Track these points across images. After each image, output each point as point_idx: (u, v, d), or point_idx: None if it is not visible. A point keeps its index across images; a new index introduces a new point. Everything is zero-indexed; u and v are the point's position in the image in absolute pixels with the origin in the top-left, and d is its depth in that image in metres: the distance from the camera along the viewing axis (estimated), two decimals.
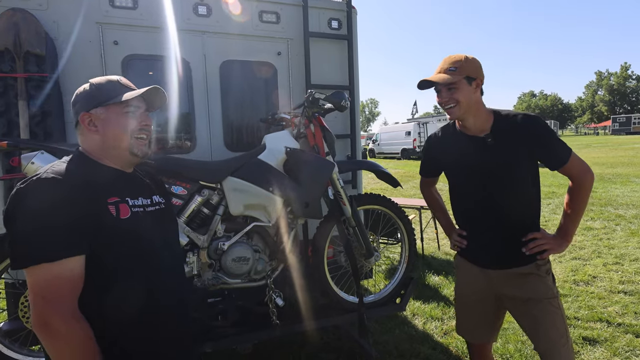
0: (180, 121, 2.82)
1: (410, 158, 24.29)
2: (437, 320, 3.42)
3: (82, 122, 1.16)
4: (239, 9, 2.85)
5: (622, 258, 4.66)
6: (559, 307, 1.68)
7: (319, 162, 2.29)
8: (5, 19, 2.23)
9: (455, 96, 1.60)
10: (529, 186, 1.67)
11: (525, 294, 1.68)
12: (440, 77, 1.61)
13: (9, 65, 2.25)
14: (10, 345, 1.93)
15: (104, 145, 1.17)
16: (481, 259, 1.79)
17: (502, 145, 1.63)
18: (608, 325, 3.17)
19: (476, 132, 1.69)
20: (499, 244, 1.72)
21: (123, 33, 2.59)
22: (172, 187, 2.09)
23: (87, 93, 1.17)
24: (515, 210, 1.68)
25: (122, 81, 1.22)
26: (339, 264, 2.82)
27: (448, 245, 5.63)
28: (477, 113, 1.66)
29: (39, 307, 0.96)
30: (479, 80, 1.63)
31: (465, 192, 1.81)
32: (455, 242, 1.89)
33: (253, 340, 2.20)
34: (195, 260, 2.13)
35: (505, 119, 1.65)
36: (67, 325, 0.96)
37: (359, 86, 3.31)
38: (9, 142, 1.88)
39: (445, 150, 1.85)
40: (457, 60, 1.61)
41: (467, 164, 1.72)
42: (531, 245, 1.66)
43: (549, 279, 1.70)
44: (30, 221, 0.97)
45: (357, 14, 3.23)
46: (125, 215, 1.12)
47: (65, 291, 0.98)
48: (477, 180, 1.71)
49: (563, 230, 1.69)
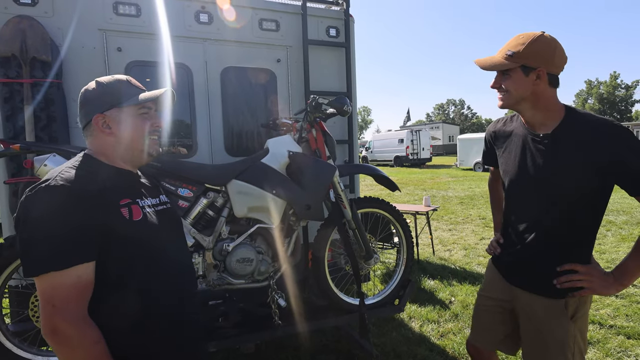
0: (182, 126, 2.87)
1: (403, 165, 24.52)
2: (434, 322, 3.47)
3: (96, 124, 1.12)
4: (239, 17, 2.92)
5: (613, 263, 4.77)
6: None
7: (321, 165, 2.35)
8: (12, 25, 2.27)
9: (506, 84, 1.38)
10: (586, 208, 1.38)
11: (538, 326, 1.48)
12: (490, 61, 1.38)
13: (15, 71, 2.29)
14: (20, 344, 1.94)
15: (117, 146, 1.15)
16: (509, 273, 1.61)
17: (562, 150, 1.35)
18: (600, 327, 3.26)
19: (536, 128, 1.43)
20: (532, 264, 1.49)
21: (126, 40, 2.64)
22: (179, 190, 2.13)
23: (99, 93, 1.14)
24: (562, 234, 1.41)
25: (132, 81, 1.19)
26: (338, 266, 2.87)
27: (442, 250, 5.76)
28: (536, 107, 1.40)
29: (48, 313, 0.95)
30: (541, 70, 1.33)
31: (510, 196, 1.58)
32: (490, 246, 1.71)
33: (255, 340, 2.23)
34: (200, 261, 2.16)
35: (578, 119, 1.36)
36: (77, 330, 0.96)
37: (356, 93, 3.40)
38: (22, 145, 1.91)
39: (502, 141, 1.60)
40: (521, 42, 1.33)
41: (518, 163, 1.49)
42: (563, 278, 1.40)
43: (572, 327, 1.42)
44: (38, 230, 0.96)
45: (355, 23, 3.33)
46: (137, 217, 1.11)
47: (72, 298, 0.97)
48: (523, 184, 1.48)
49: (620, 270, 1.35)
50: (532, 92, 1.37)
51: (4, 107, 2.30)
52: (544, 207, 1.43)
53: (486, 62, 1.40)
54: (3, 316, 1.95)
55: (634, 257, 1.33)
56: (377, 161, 26.71)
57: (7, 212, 2.37)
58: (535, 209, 1.46)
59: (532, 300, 1.50)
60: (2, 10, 2.33)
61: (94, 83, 1.15)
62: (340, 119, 3.30)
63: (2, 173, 2.35)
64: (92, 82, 1.16)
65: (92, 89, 1.15)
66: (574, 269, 1.39)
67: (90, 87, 1.15)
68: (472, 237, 6.41)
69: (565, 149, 1.35)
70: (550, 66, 1.35)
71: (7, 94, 2.30)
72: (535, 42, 1.32)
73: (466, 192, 11.84)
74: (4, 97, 2.30)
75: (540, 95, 1.38)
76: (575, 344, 1.44)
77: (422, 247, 5.76)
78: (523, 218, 1.51)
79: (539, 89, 1.36)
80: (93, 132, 1.14)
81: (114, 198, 1.08)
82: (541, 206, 1.44)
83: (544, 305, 1.47)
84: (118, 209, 1.07)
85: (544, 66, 1.34)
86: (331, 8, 3.27)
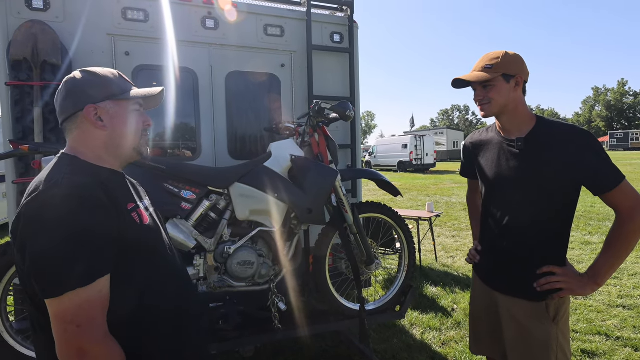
0: (186, 129, 2.91)
1: (406, 171, 24.46)
2: (435, 330, 3.45)
3: (87, 115, 1.02)
4: (245, 22, 2.97)
5: (621, 273, 4.71)
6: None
7: (323, 169, 2.37)
8: (25, 30, 2.32)
9: (490, 94, 1.50)
10: (558, 208, 1.47)
11: (521, 330, 1.52)
12: (474, 76, 1.51)
13: (26, 73, 2.34)
14: (23, 342, 1.97)
15: (109, 143, 1.06)
16: (490, 279, 1.67)
17: (534, 153, 1.46)
18: (607, 339, 3.21)
19: (511, 134, 1.55)
20: (511, 268, 1.55)
21: (134, 44, 2.69)
22: (182, 192, 2.16)
23: (92, 83, 1.04)
24: (536, 234, 1.49)
25: (124, 76, 1.13)
26: (339, 270, 2.87)
27: (445, 257, 5.72)
28: (514, 113, 1.52)
29: (72, 335, 0.87)
30: (519, 77, 1.49)
31: (488, 202, 1.66)
32: (469, 255, 1.78)
33: (255, 343, 2.24)
34: (202, 263, 2.18)
35: (547, 125, 1.48)
36: (105, 349, 0.90)
37: (359, 98, 3.42)
38: (30, 146, 1.95)
39: (479, 150, 1.71)
40: (495, 57, 1.49)
41: (494, 169, 1.59)
42: (543, 280, 1.46)
43: (554, 329, 1.46)
44: (54, 244, 0.87)
45: (359, 29, 3.36)
46: (146, 220, 1.07)
47: (97, 314, 0.90)
48: (499, 189, 1.57)
49: (594, 270, 1.42)
50: (512, 98, 1.50)
51: (15, 109, 2.36)
52: (519, 209, 1.52)
53: (472, 77, 1.52)
54: (7, 314, 1.98)
55: (604, 258, 1.41)
56: (380, 166, 26.69)
57: (15, 210, 2.42)
58: (511, 212, 1.54)
59: (513, 303, 1.55)
60: (16, 15, 2.39)
61: (81, 72, 1.06)
62: (343, 123, 3.32)
63: (10, 173, 2.40)
64: (77, 72, 1.06)
65: (82, 78, 1.05)
66: (552, 270, 1.46)
67: (78, 76, 1.05)
68: None
69: (538, 151, 1.46)
70: (524, 74, 1.51)
71: (18, 96, 2.35)
72: (507, 55, 1.50)
73: None
74: (15, 99, 2.35)
75: (518, 101, 1.51)
76: (559, 346, 1.47)
77: (425, 253, 5.74)
78: (499, 222, 1.58)
79: (517, 95, 1.51)
80: (80, 125, 1.04)
81: (122, 203, 1.02)
82: (517, 208, 1.52)
83: (525, 308, 1.51)
84: (129, 214, 1.02)
85: (520, 73, 1.49)
86: (335, 14, 3.31)
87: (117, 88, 1.07)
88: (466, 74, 1.56)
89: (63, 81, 1.07)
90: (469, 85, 1.57)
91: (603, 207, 8.84)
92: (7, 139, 2.32)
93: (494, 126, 1.68)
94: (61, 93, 1.06)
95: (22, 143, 2.00)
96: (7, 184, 2.40)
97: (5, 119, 2.38)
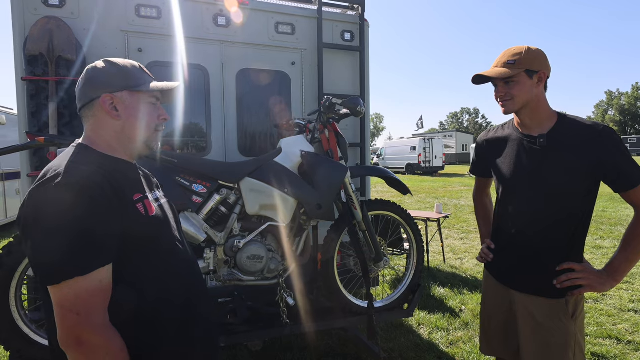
0: (197, 125, 2.93)
1: (415, 173, 24.36)
2: (443, 330, 3.42)
3: (103, 104, 1.03)
4: (256, 20, 2.99)
5: (632, 277, 4.64)
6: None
7: (333, 166, 2.37)
8: (40, 26, 2.37)
9: (513, 91, 1.46)
10: (578, 206, 1.45)
11: (539, 328, 1.49)
12: (496, 72, 1.47)
13: (41, 68, 2.39)
14: (37, 330, 2.01)
15: (122, 133, 1.07)
16: (506, 277, 1.63)
17: (556, 150, 1.44)
18: (618, 343, 3.16)
19: (532, 130, 1.52)
20: (529, 266, 1.53)
21: (147, 41, 2.73)
22: (193, 185, 2.18)
23: (111, 73, 1.06)
24: (556, 231, 1.48)
25: (144, 68, 1.14)
26: (347, 267, 2.87)
27: (454, 258, 5.68)
28: (536, 109, 1.49)
29: (72, 323, 0.88)
30: (542, 73, 1.46)
31: (506, 199, 1.62)
32: (481, 254, 1.74)
33: (263, 337, 2.25)
34: (212, 257, 2.20)
35: (569, 122, 1.46)
36: (104, 338, 0.90)
37: (369, 97, 3.42)
38: (46, 138, 1.99)
39: (496, 148, 1.67)
40: (517, 52, 1.45)
41: (513, 166, 1.56)
42: (563, 277, 1.45)
43: (573, 326, 1.46)
44: (55, 232, 0.88)
45: (370, 27, 3.36)
46: (152, 211, 1.06)
47: (96, 304, 0.91)
48: (519, 186, 1.55)
49: (612, 267, 1.43)
50: (535, 95, 1.47)
51: (30, 104, 2.40)
52: (539, 207, 1.50)
53: (494, 73, 1.48)
54: (22, 303, 2.02)
55: (622, 254, 1.43)
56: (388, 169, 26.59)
57: None
58: (530, 209, 1.52)
59: (531, 301, 1.53)
60: (32, 11, 2.44)
61: (103, 62, 1.07)
62: (353, 122, 3.32)
63: (25, 166, 2.45)
64: (99, 61, 1.08)
65: (102, 67, 1.06)
66: (571, 267, 1.46)
67: (100, 65, 1.07)
68: None
69: (560, 148, 1.44)
70: (547, 69, 1.48)
71: (34, 91, 2.40)
72: (530, 50, 1.47)
73: None
74: (31, 93, 2.40)
75: (540, 97, 1.49)
76: (576, 342, 1.47)
77: (433, 254, 5.70)
78: (518, 220, 1.56)
79: (540, 91, 1.48)
80: (96, 113, 1.05)
81: (128, 193, 1.02)
82: (536, 206, 1.50)
83: (544, 305, 1.50)
84: (134, 205, 1.02)
85: (543, 69, 1.46)
86: (346, 12, 3.32)
87: (135, 79, 1.08)
88: (487, 70, 1.52)
89: (85, 69, 1.09)
90: (489, 81, 1.53)
91: (615, 211, 8.72)
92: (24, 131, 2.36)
93: (510, 122, 1.65)
94: (82, 80, 1.07)
95: (38, 135, 2.04)
96: (22, 179, 2.44)
97: (21, 113, 2.43)
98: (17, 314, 1.97)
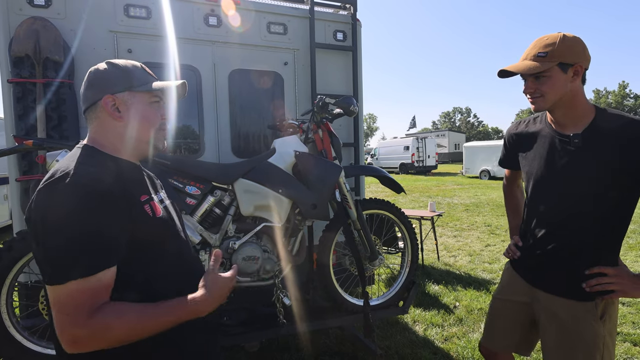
0: (189, 127, 2.90)
1: (408, 172, 24.50)
2: (438, 327, 3.45)
3: (105, 105, 1.03)
4: (248, 20, 2.97)
5: None
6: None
7: (327, 165, 2.36)
8: (26, 26, 2.32)
9: (543, 88, 1.32)
10: (615, 210, 1.35)
11: (566, 331, 1.42)
12: (525, 66, 1.32)
13: (28, 70, 2.34)
14: (30, 337, 1.97)
15: (125, 134, 1.06)
16: (532, 276, 1.56)
17: (592, 150, 1.32)
18: None
19: (566, 128, 1.39)
20: (558, 267, 1.45)
21: (137, 41, 2.69)
22: (187, 187, 2.16)
23: (112, 74, 1.05)
24: (588, 235, 1.37)
25: (146, 69, 1.12)
26: (343, 266, 2.87)
27: (447, 255, 5.72)
28: (571, 106, 1.35)
29: (66, 323, 0.87)
30: (579, 66, 1.30)
31: (535, 198, 1.52)
32: (508, 250, 1.66)
33: (260, 338, 2.24)
34: (207, 258, 2.18)
35: (609, 119, 1.32)
36: (93, 325, 0.87)
37: (362, 96, 3.42)
38: (35, 141, 1.95)
39: (526, 143, 1.55)
40: (550, 42, 1.29)
41: (545, 164, 1.45)
42: (593, 281, 1.35)
43: (601, 328, 1.38)
44: (62, 233, 0.87)
45: (362, 27, 3.37)
46: (159, 213, 1.06)
47: (85, 303, 0.88)
48: (551, 185, 1.43)
49: None
50: (569, 90, 1.33)
51: (17, 107, 2.35)
52: (571, 209, 1.39)
53: (521, 68, 1.33)
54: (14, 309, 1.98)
55: None
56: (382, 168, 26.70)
57: (18, 208, 2.41)
58: (562, 211, 1.42)
59: (558, 302, 1.45)
60: (17, 11, 2.39)
61: (106, 64, 1.07)
62: (347, 121, 3.32)
63: (14, 171, 2.39)
64: (102, 63, 1.08)
65: (104, 69, 1.06)
66: (603, 272, 1.35)
67: (102, 67, 1.07)
68: (477, 244, 6.38)
69: (597, 147, 1.32)
70: (585, 61, 1.32)
71: (20, 94, 2.34)
72: (565, 39, 1.30)
73: (472, 199, 11.77)
74: (17, 96, 2.35)
75: (576, 93, 1.34)
76: (605, 345, 1.39)
77: (427, 252, 5.73)
78: (548, 220, 1.47)
79: (575, 85, 1.33)
80: (99, 115, 1.05)
81: (136, 195, 1.02)
82: (569, 208, 1.40)
83: (572, 307, 1.42)
84: (141, 207, 1.01)
85: (580, 61, 1.31)
86: (338, 12, 3.32)
87: (137, 80, 1.07)
88: (514, 64, 1.36)
89: (87, 71, 1.09)
90: (517, 74, 1.37)
91: None
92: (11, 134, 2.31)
93: (543, 116, 1.52)
94: (84, 83, 1.08)
95: (26, 138, 2.00)
96: (11, 184, 2.39)
97: (8, 117, 2.37)
98: (9, 321, 1.93)
